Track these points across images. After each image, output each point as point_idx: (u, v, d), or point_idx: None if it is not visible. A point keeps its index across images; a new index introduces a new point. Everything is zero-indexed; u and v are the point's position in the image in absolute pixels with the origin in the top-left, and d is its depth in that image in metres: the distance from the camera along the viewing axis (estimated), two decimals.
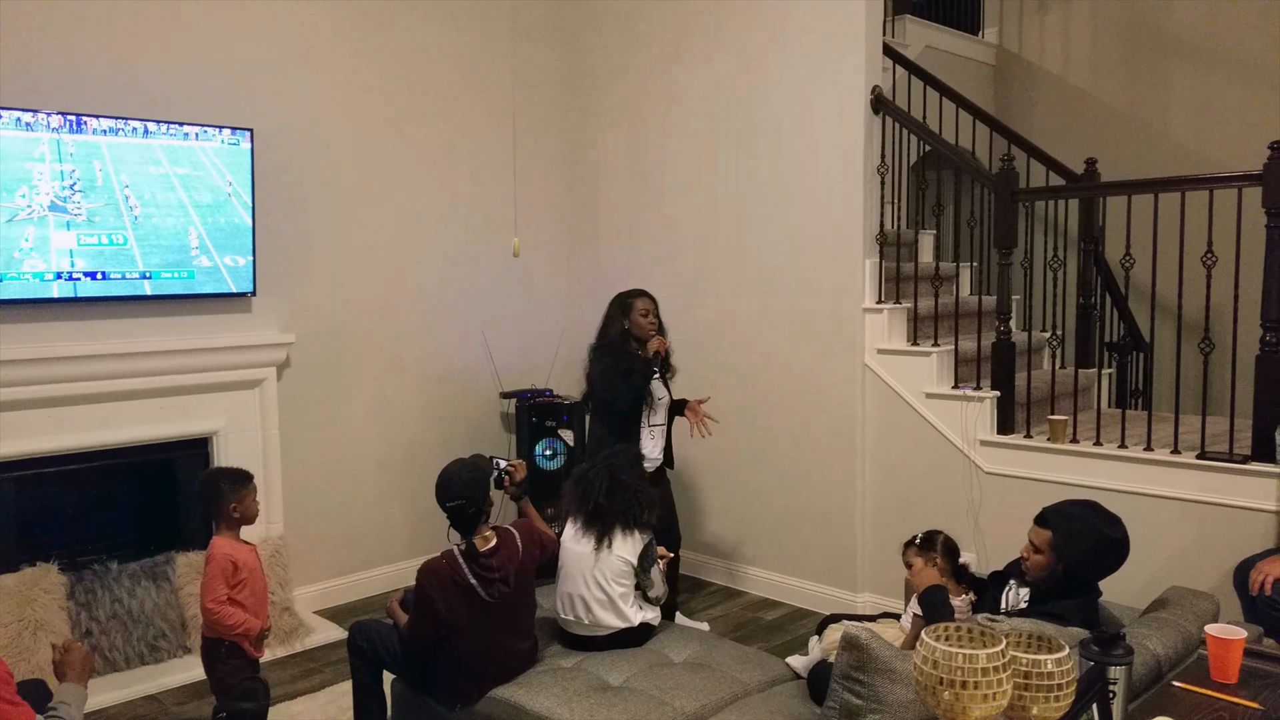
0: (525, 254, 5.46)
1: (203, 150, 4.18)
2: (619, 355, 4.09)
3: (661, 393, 4.17)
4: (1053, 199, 4.23)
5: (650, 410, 4.12)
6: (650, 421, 4.13)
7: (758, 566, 4.94)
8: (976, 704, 1.28)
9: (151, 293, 4.09)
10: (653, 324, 4.16)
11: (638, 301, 4.18)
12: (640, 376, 4.03)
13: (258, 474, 4.32)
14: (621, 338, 4.15)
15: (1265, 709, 1.98)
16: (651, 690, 2.86)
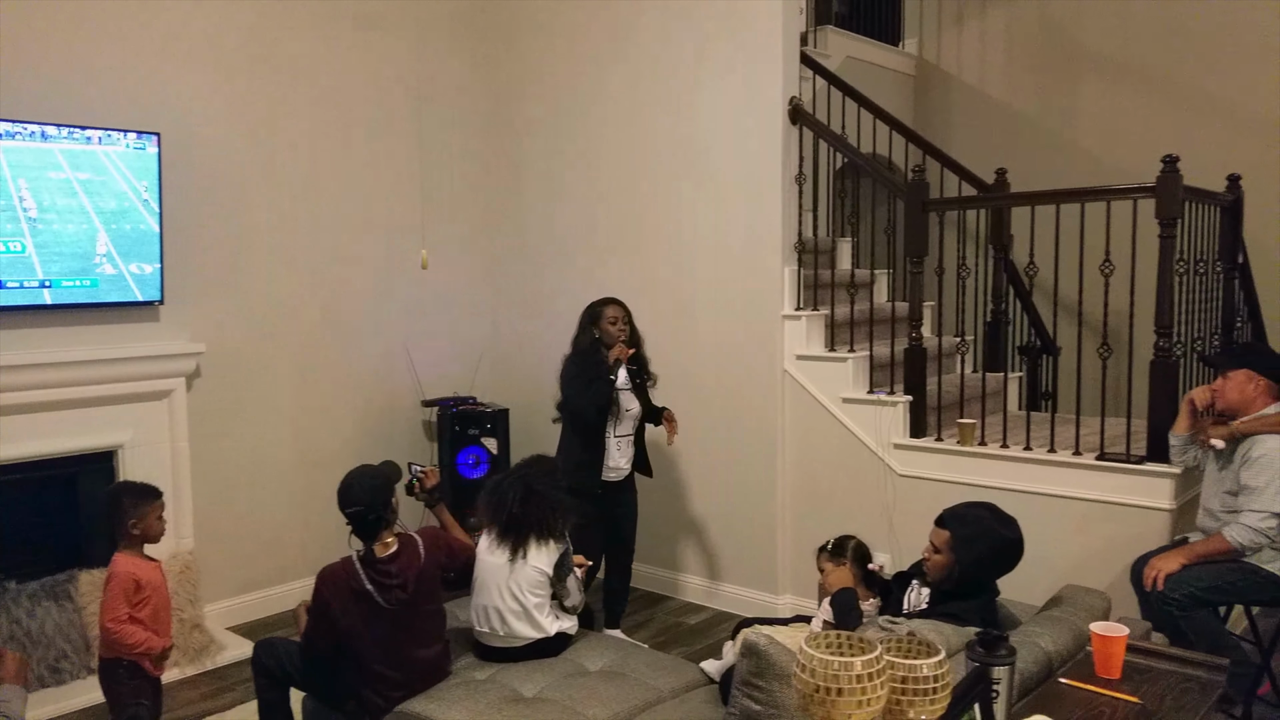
0: (448, 263, 5.42)
1: (106, 155, 4.07)
2: (586, 363, 4.07)
3: (630, 404, 4.11)
4: (961, 209, 4.34)
5: (616, 420, 4.08)
6: (616, 432, 4.09)
7: (682, 572, 4.97)
8: (851, 710, 1.30)
9: (52, 302, 3.97)
10: (621, 331, 4.12)
11: (606, 309, 4.16)
12: (603, 384, 4.01)
13: (166, 487, 4.21)
14: (592, 346, 4.13)
15: (1144, 703, 2.05)
16: (565, 700, 2.85)
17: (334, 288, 4.98)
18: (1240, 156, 5.26)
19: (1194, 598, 3.18)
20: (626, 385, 4.12)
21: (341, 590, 2.91)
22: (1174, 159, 3.55)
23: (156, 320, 4.35)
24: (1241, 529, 3.15)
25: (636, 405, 4.15)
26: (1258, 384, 3.29)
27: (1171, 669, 2.23)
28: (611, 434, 4.08)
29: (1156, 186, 3.55)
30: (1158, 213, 3.56)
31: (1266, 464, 3.14)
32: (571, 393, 4.05)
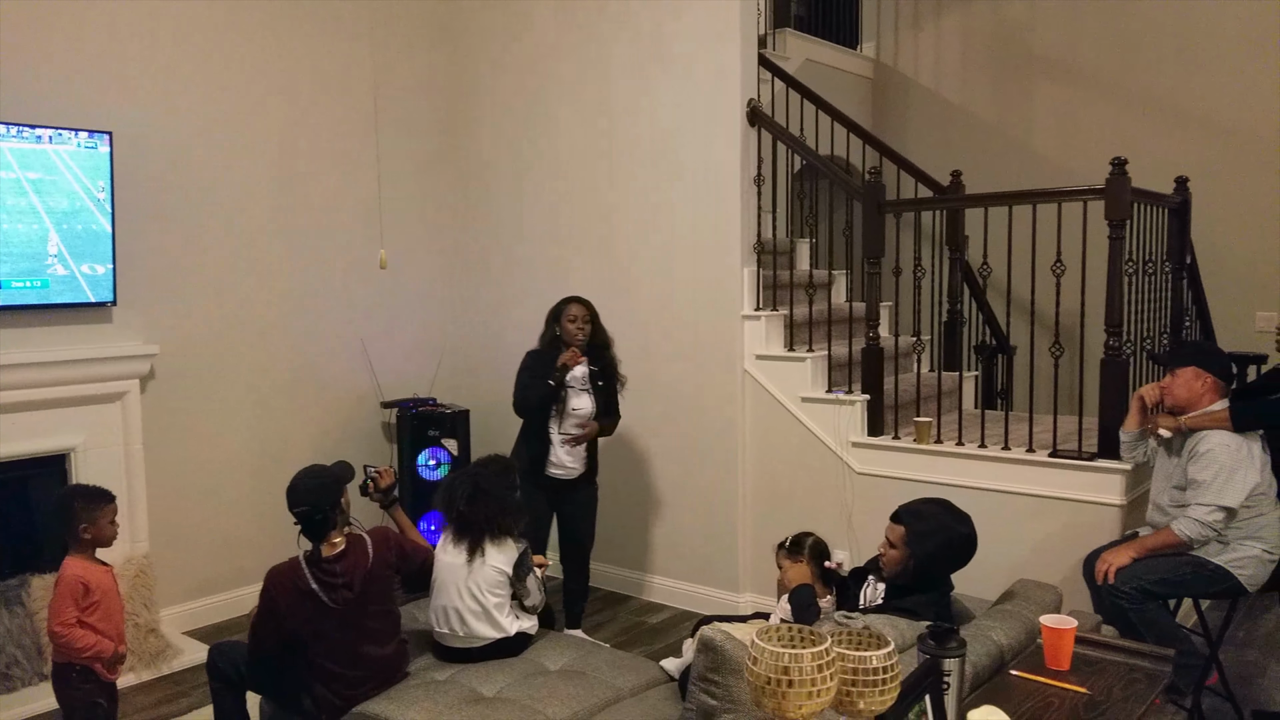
0: (407, 263, 5.40)
1: (57, 154, 4.00)
2: (540, 360, 4.10)
3: (580, 404, 4.11)
4: (917, 210, 4.40)
5: (560, 419, 4.08)
6: (560, 429, 4.10)
7: (644, 571, 4.98)
8: (802, 701, 1.32)
9: (2, 303, 3.90)
10: (581, 329, 4.11)
11: (569, 308, 4.17)
12: (543, 384, 4.02)
13: (120, 490, 4.17)
14: (551, 344, 4.14)
15: (1092, 694, 2.09)
16: (524, 700, 2.85)
17: (291, 288, 4.93)
18: (1189, 159, 5.39)
19: (1144, 591, 3.24)
20: (583, 385, 4.12)
21: (288, 590, 2.91)
22: (1122, 161, 3.62)
23: (109, 321, 4.29)
24: (1189, 523, 3.22)
25: (587, 406, 4.13)
26: (1205, 381, 3.36)
27: (1120, 660, 2.28)
28: (555, 431, 4.09)
29: (1105, 189, 3.62)
30: (1107, 214, 3.63)
31: (1212, 459, 3.21)
32: (517, 385, 4.10)
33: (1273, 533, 3.26)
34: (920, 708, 1.70)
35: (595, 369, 4.15)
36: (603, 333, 4.22)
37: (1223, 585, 3.27)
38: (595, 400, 4.15)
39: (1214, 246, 5.37)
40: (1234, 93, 5.55)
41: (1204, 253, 5.09)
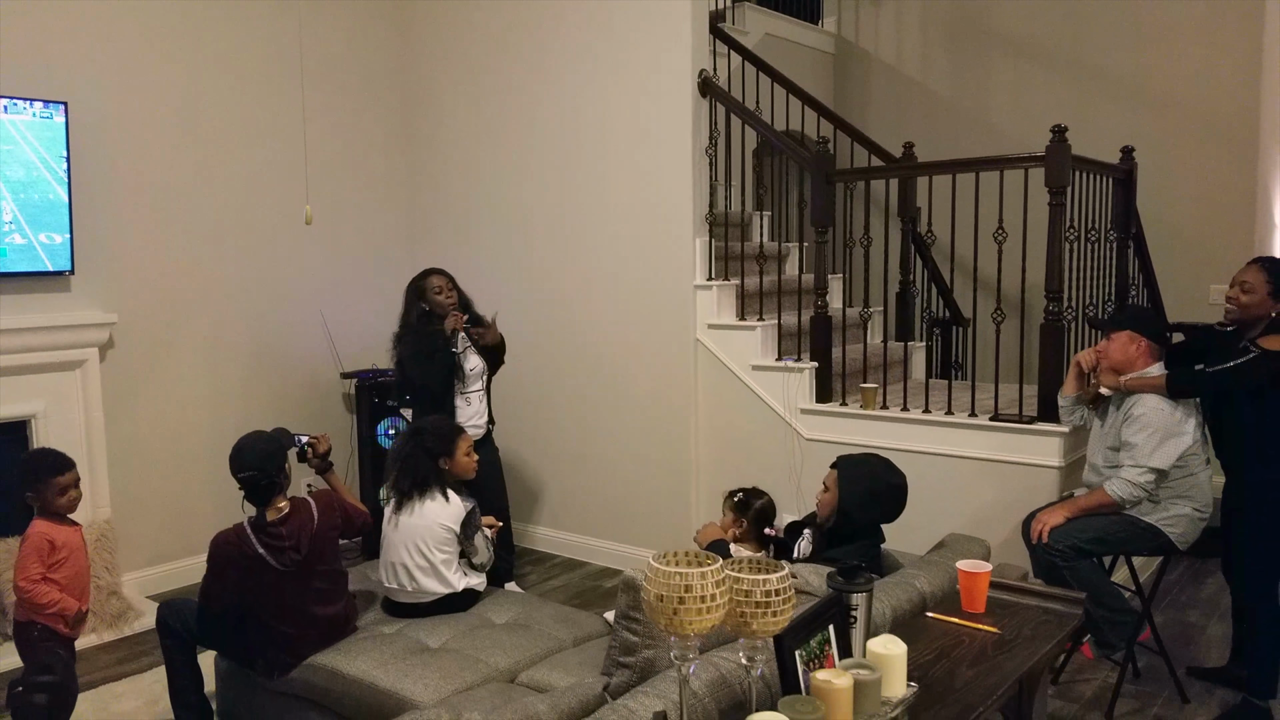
0: (365, 236, 5.44)
1: (13, 124, 4.02)
2: (422, 338, 4.18)
3: (473, 363, 4.27)
4: (866, 179, 4.47)
5: (462, 379, 4.23)
6: (464, 389, 4.24)
7: (598, 537, 5.06)
8: (692, 618, 1.40)
9: None
10: (450, 299, 4.24)
11: (429, 280, 4.27)
12: (444, 354, 4.14)
13: (81, 457, 4.23)
14: (421, 320, 4.23)
15: (1002, 633, 2.18)
16: (469, 650, 2.93)
17: (249, 261, 4.96)
18: (1143, 133, 5.50)
19: (1077, 549, 3.34)
20: (466, 344, 4.25)
21: (234, 555, 2.97)
22: (1062, 129, 3.70)
23: (68, 290, 4.31)
24: (1122, 483, 3.32)
25: (479, 362, 4.29)
26: (1139, 345, 3.44)
27: (1034, 604, 2.38)
28: (460, 392, 4.22)
29: (1046, 156, 3.70)
30: (1047, 181, 3.71)
31: (1146, 422, 3.30)
32: (417, 371, 4.16)
33: (1203, 492, 3.36)
34: (824, 636, 1.78)
35: (467, 327, 4.28)
36: (463, 292, 4.35)
37: (1154, 543, 3.37)
38: (482, 356, 4.30)
39: (1169, 220, 5.49)
40: (1188, 68, 5.65)
41: (1159, 226, 5.21)
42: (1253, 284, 3.28)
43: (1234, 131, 5.59)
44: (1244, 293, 3.30)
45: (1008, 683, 1.93)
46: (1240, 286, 3.31)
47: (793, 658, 1.67)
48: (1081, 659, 3.79)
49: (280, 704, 3.09)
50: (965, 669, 2.00)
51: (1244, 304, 3.30)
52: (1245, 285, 3.29)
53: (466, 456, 3.41)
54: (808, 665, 1.70)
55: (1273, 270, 3.27)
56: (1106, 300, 4.48)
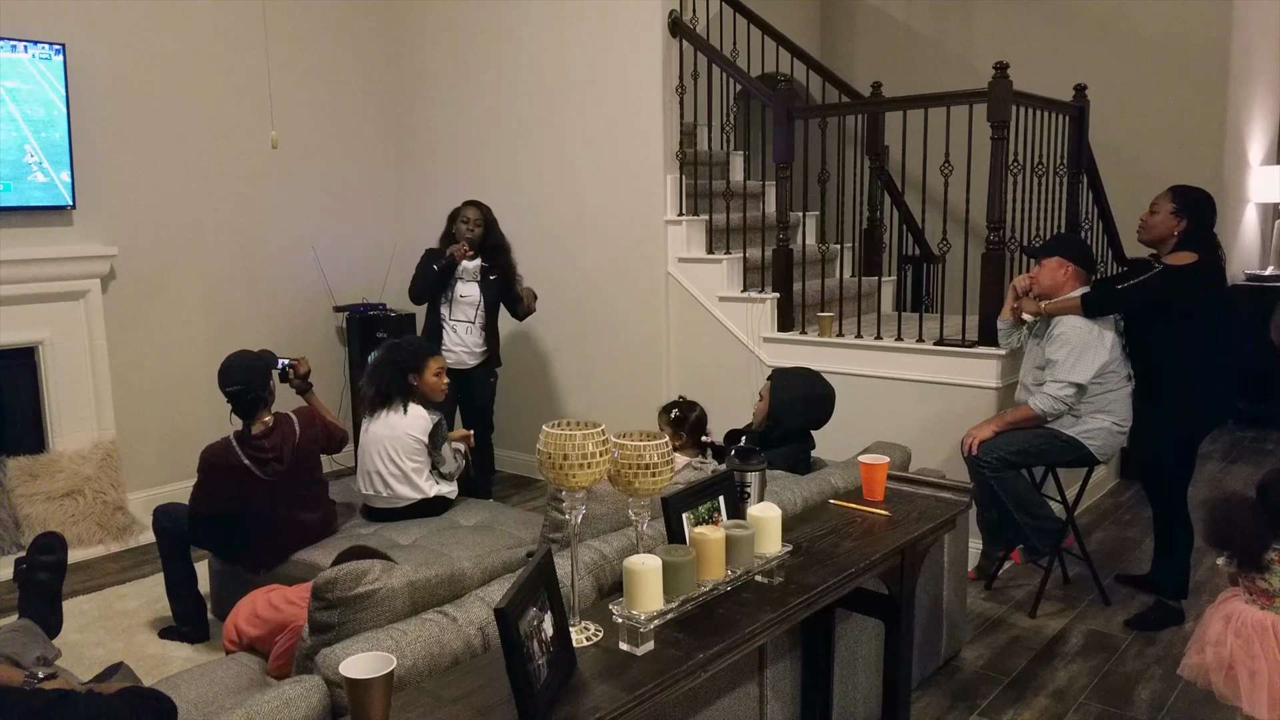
0: (357, 173, 5.67)
1: (32, 63, 4.25)
2: (432, 254, 4.52)
3: (468, 291, 4.52)
4: (824, 116, 4.64)
5: (449, 305, 4.50)
6: (451, 316, 4.51)
7: None
8: (575, 472, 1.66)
9: None
10: (472, 230, 4.50)
11: (463, 210, 4.58)
12: (431, 270, 4.43)
13: (86, 382, 4.54)
14: (446, 240, 4.56)
15: (891, 515, 2.44)
16: (435, 546, 3.22)
17: (243, 195, 5.21)
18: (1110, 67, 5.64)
19: (1004, 460, 3.59)
20: (473, 277, 4.51)
21: (221, 465, 3.26)
22: (1004, 65, 3.88)
23: (70, 225, 4.57)
24: (1044, 398, 3.56)
25: (474, 293, 4.53)
26: (1067, 270, 3.66)
27: (928, 494, 2.63)
28: (446, 318, 4.50)
29: (988, 91, 3.88)
30: (989, 116, 3.89)
31: (1065, 340, 3.53)
32: (412, 279, 4.54)
33: (1121, 407, 3.60)
34: (713, 504, 2.04)
35: (487, 265, 4.53)
36: (497, 234, 4.60)
37: (1075, 454, 3.62)
38: (483, 291, 4.53)
39: (1138, 157, 5.65)
40: (1160, 4, 5.76)
41: (1127, 163, 5.37)
42: (1159, 205, 3.51)
43: (1204, 68, 5.72)
44: (1151, 213, 3.53)
45: (884, 552, 2.20)
46: (1150, 208, 3.54)
47: (678, 517, 1.93)
48: (1014, 567, 4.06)
49: None
50: (850, 541, 2.26)
51: (1149, 224, 3.54)
52: (1153, 207, 3.53)
53: (435, 377, 3.64)
54: (695, 527, 1.96)
55: (1179, 194, 3.49)
56: (1055, 231, 4.66)
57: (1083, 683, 3.18)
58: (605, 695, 1.57)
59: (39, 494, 4.42)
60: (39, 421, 4.56)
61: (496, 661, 1.70)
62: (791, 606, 1.92)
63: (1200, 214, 3.49)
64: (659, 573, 1.72)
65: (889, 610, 2.36)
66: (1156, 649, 3.42)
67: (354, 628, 1.82)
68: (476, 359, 4.58)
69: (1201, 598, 3.79)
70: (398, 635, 1.73)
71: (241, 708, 1.56)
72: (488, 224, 4.56)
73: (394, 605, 1.87)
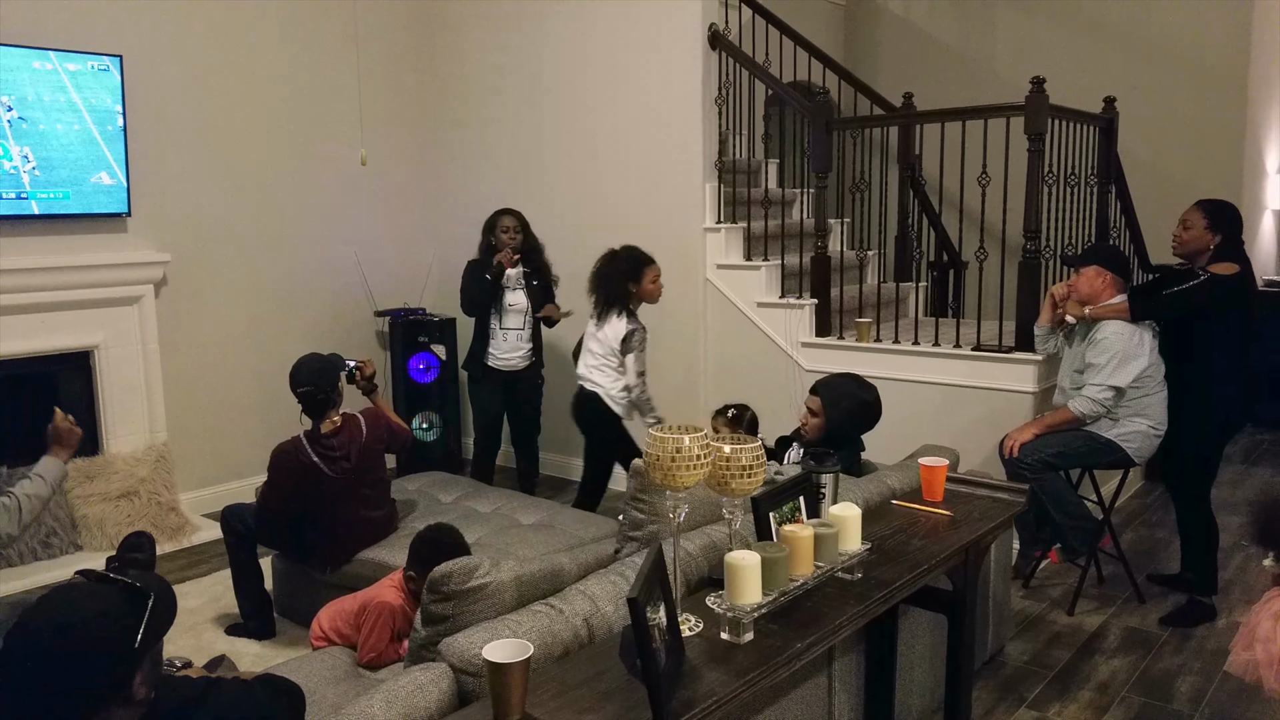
0: (393, 178, 5.79)
1: (76, 75, 4.38)
2: (478, 267, 4.63)
3: (516, 300, 4.65)
4: (861, 128, 4.76)
5: (499, 314, 4.64)
6: (502, 325, 4.65)
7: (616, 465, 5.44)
8: (682, 473, 1.77)
9: (40, 212, 4.30)
10: (513, 239, 4.63)
11: (501, 219, 4.71)
12: (483, 280, 4.55)
13: (139, 386, 4.66)
14: (488, 251, 4.68)
15: (953, 515, 2.56)
16: (499, 545, 3.34)
17: (290, 204, 5.34)
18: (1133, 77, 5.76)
19: (1044, 462, 3.70)
20: (518, 285, 4.66)
21: (291, 464, 3.37)
22: (1041, 80, 4.00)
23: (125, 231, 4.69)
24: (1083, 400, 3.67)
25: (522, 300, 4.68)
26: (1105, 278, 3.78)
27: (985, 495, 2.75)
28: (497, 326, 4.65)
29: (1025, 105, 4.00)
30: (1026, 129, 4.01)
31: (1107, 345, 3.65)
32: (461, 290, 4.66)
33: (1157, 410, 3.71)
34: (795, 505, 2.16)
35: (529, 270, 4.67)
36: (533, 238, 4.75)
37: (1113, 456, 3.73)
38: (529, 297, 4.67)
39: (1160, 165, 5.77)
40: (1180, 15, 5.88)
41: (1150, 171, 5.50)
42: (1192, 221, 3.64)
43: (1224, 78, 5.84)
44: (1185, 229, 3.66)
45: (951, 549, 2.31)
46: (1182, 224, 3.67)
47: (767, 517, 2.05)
48: (1051, 566, 4.17)
49: (331, 595, 3.48)
50: (917, 540, 2.38)
51: (1184, 239, 3.67)
52: (1186, 222, 3.66)
53: (653, 284, 4.10)
54: (780, 525, 2.08)
55: (1209, 209, 3.63)
56: (1087, 241, 4.78)
57: (1124, 677, 3.29)
58: (717, 681, 1.69)
59: (95, 495, 4.54)
60: (94, 424, 4.68)
61: (607, 650, 1.83)
62: (873, 600, 2.03)
63: (1232, 227, 3.62)
64: (759, 568, 1.84)
65: (953, 606, 2.47)
66: (1192, 644, 3.53)
67: (467, 619, 1.93)
68: (526, 361, 4.72)
69: (1231, 594, 3.91)
70: (513, 625, 1.84)
71: (379, 691, 1.68)
72: (524, 229, 4.70)
73: (503, 598, 1.98)
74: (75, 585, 1.54)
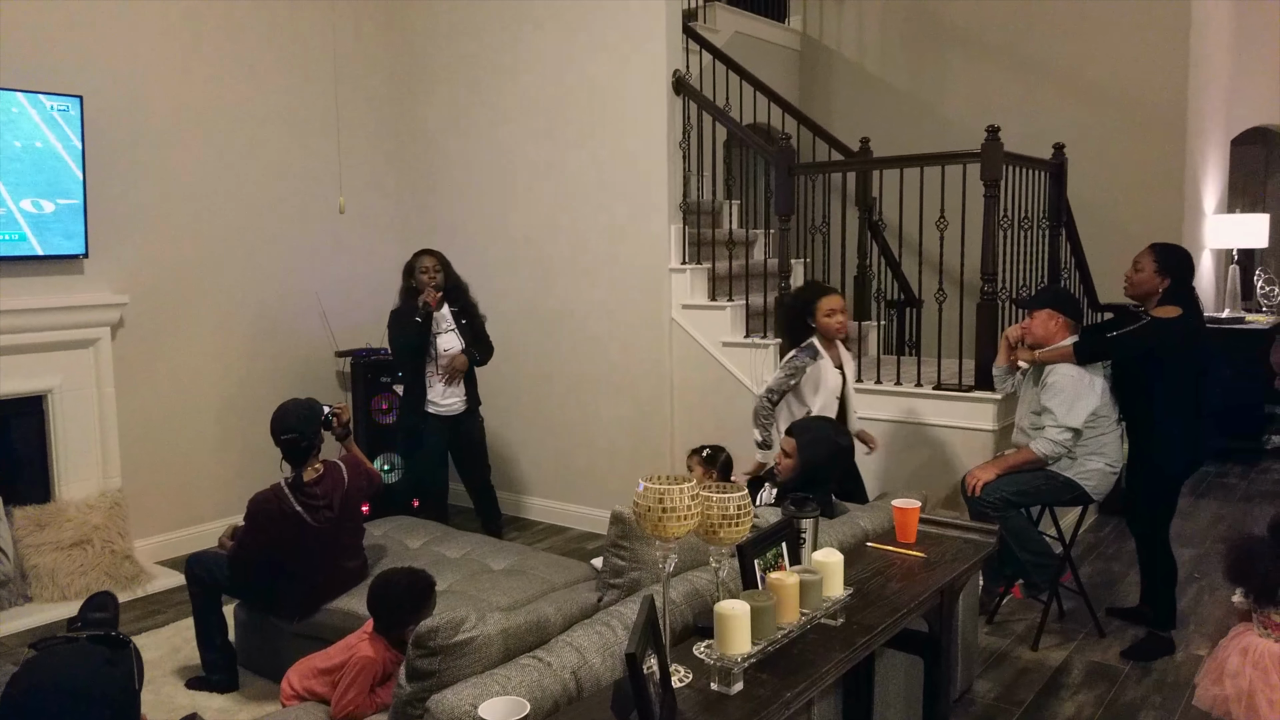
0: (358, 223, 5.77)
1: (33, 113, 4.31)
2: (402, 311, 4.63)
3: (450, 344, 4.65)
4: (824, 173, 4.87)
5: (434, 360, 4.63)
6: (439, 369, 4.64)
7: (578, 504, 5.45)
8: (673, 524, 1.79)
9: None
10: (432, 279, 4.63)
11: (420, 260, 4.71)
12: (413, 325, 4.52)
13: (93, 431, 4.56)
14: (408, 295, 4.68)
15: (927, 556, 2.60)
16: (471, 591, 3.31)
17: (250, 244, 5.29)
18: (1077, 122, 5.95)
19: (1006, 500, 3.77)
20: (449, 326, 4.64)
21: (272, 513, 3.29)
22: (995, 129, 4.13)
23: (81, 273, 4.61)
24: (1045, 442, 3.75)
25: (456, 344, 4.66)
26: (1057, 320, 3.88)
27: (956, 535, 2.80)
28: (433, 372, 4.63)
29: (981, 152, 4.12)
30: (982, 175, 4.13)
31: (1060, 388, 3.74)
32: (390, 340, 4.64)
33: (1113, 450, 3.81)
34: (778, 551, 2.18)
35: (456, 309, 4.67)
36: (455, 276, 4.74)
37: (1072, 494, 3.82)
38: (462, 338, 4.66)
39: (1104, 208, 5.95)
40: (1122, 62, 6.10)
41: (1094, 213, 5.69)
42: (1143, 264, 3.76)
43: (1164, 124, 6.06)
44: (1136, 271, 3.78)
45: (929, 592, 2.35)
46: (1134, 266, 3.79)
47: (752, 564, 2.07)
48: (1015, 601, 4.23)
49: (297, 645, 3.43)
50: (895, 583, 2.41)
51: (1134, 281, 3.79)
52: (1138, 264, 3.78)
53: (826, 317, 3.88)
54: (764, 572, 2.10)
55: (1160, 253, 3.75)
56: (1040, 283, 4.92)
57: (1089, 712, 3.35)
58: None
59: (47, 544, 4.42)
60: (45, 470, 4.57)
61: (598, 704, 1.83)
62: (858, 646, 2.06)
63: (1181, 271, 3.74)
64: (748, 618, 1.85)
65: (929, 647, 2.51)
66: (1153, 678, 3.60)
67: (453, 674, 1.92)
68: (465, 405, 4.72)
69: (1187, 627, 4.00)
70: (502, 680, 1.84)
71: None
72: (445, 267, 4.70)
73: (489, 652, 1.97)
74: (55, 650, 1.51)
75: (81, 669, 1.39)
